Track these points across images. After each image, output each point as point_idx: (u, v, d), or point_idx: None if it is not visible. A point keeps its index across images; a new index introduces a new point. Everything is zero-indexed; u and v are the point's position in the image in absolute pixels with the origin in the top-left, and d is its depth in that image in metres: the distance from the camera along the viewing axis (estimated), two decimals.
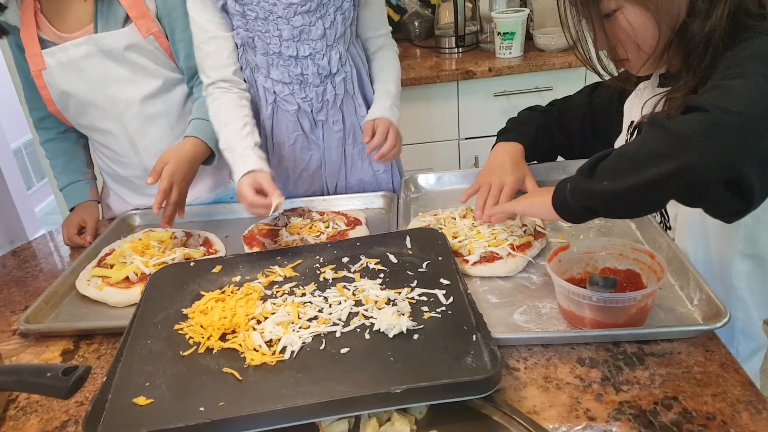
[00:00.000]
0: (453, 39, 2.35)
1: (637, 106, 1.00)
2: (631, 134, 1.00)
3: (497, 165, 1.07)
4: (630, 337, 0.74)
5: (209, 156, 1.12)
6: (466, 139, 2.28)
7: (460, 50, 2.36)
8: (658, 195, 0.70)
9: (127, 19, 1.09)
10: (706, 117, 0.65)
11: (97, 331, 0.90)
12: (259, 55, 1.12)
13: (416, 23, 2.58)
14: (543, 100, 2.18)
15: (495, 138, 1.15)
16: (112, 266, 1.02)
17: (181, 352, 0.75)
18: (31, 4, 1.09)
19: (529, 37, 2.27)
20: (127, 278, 0.98)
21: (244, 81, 1.15)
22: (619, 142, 1.05)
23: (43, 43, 1.10)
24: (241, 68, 1.14)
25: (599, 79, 1.02)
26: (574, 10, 0.86)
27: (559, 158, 1.23)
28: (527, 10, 2.18)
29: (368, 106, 1.20)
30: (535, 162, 1.18)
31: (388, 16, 2.67)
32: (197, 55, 1.11)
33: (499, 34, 2.17)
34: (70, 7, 1.09)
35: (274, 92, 1.16)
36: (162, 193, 1.01)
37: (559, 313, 0.81)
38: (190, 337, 0.78)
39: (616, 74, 0.98)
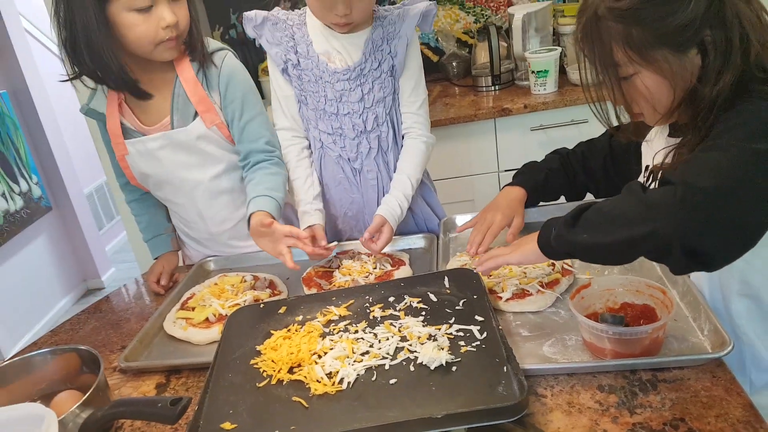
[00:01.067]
0: (489, 78, 2.48)
1: (649, 151, 1.11)
2: (647, 177, 1.11)
3: (494, 205, 1.24)
4: (645, 365, 0.84)
5: None
6: (506, 171, 2.38)
7: (497, 88, 2.48)
8: (628, 252, 0.84)
9: (196, 113, 1.25)
10: (674, 191, 0.76)
11: (185, 366, 1.05)
12: (310, 110, 1.32)
13: (454, 63, 2.72)
14: (579, 131, 2.30)
15: (517, 170, 1.32)
16: (193, 309, 1.18)
17: (257, 384, 0.90)
18: (117, 95, 1.25)
19: (563, 71, 2.38)
20: (207, 319, 1.14)
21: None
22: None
23: (126, 131, 1.27)
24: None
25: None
26: (594, 73, 0.95)
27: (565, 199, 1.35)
28: (559, 49, 2.28)
29: None
30: (544, 204, 1.32)
31: (428, 58, 2.84)
32: (273, 105, 1.34)
33: (533, 72, 2.29)
34: (151, 102, 1.25)
35: (321, 141, 1.34)
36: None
37: (583, 344, 0.92)
38: (264, 371, 0.92)
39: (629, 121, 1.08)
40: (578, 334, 0.93)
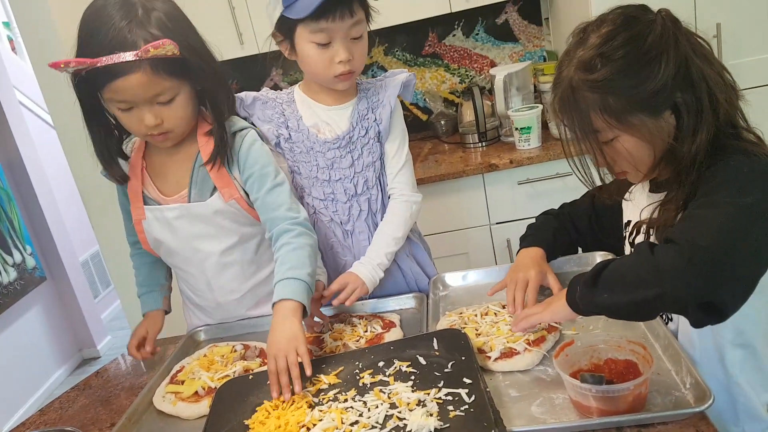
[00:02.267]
0: (476, 135, 2.54)
1: (631, 207, 1.14)
2: (630, 233, 1.14)
3: (522, 265, 1.23)
4: (630, 422, 0.84)
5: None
6: (497, 223, 2.42)
7: (484, 144, 2.55)
8: (647, 311, 0.90)
9: (215, 188, 1.25)
10: (679, 251, 0.81)
11: None
12: (303, 179, 1.38)
13: (442, 122, 2.80)
14: (565, 184, 2.34)
15: (525, 221, 1.37)
16: (182, 382, 1.17)
17: None
18: (140, 162, 1.27)
19: (546, 126, 2.44)
20: (196, 393, 1.13)
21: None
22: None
23: (144, 198, 1.28)
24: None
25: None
26: (575, 139, 1.00)
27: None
28: (540, 107, 2.35)
29: None
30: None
31: (417, 117, 2.92)
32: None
33: (516, 129, 2.35)
34: (171, 170, 1.27)
35: (314, 206, 1.39)
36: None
37: (571, 403, 0.91)
38: None
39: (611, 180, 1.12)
40: (565, 393, 0.93)
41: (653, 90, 0.91)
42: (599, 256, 1.30)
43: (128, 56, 1.04)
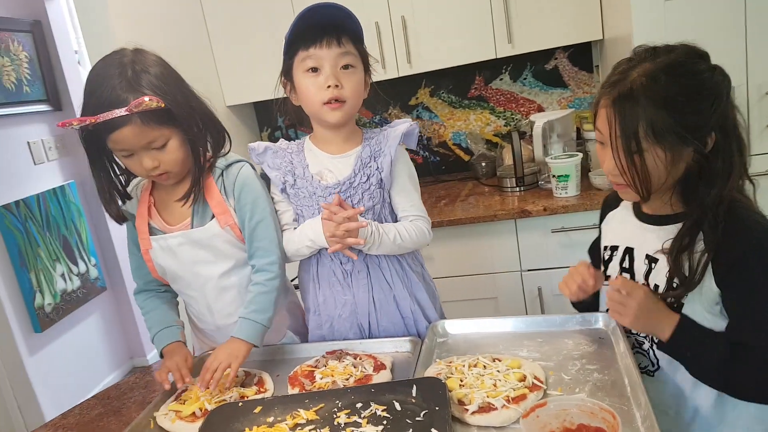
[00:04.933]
0: (514, 179, 2.55)
1: (615, 232, 1.27)
2: (622, 259, 1.23)
3: None
4: None
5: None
6: (528, 270, 2.40)
7: (521, 189, 2.55)
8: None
9: (213, 216, 1.40)
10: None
11: None
12: (307, 222, 1.42)
13: (483, 164, 2.82)
14: None
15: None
16: (185, 402, 1.26)
17: None
18: (147, 200, 1.43)
19: (586, 175, 2.42)
20: (194, 413, 1.21)
21: None
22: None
23: (151, 229, 1.43)
24: None
25: None
26: (613, 136, 1.05)
27: None
28: (580, 155, 2.33)
29: (391, 260, 1.44)
30: None
31: (459, 157, 2.96)
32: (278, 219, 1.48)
33: (554, 176, 2.34)
34: (175, 204, 1.41)
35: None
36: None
37: None
38: None
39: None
40: None
41: (696, 123, 1.01)
42: (601, 318, 1.30)
43: (120, 112, 1.20)
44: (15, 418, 3.02)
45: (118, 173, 1.39)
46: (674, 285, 1.08)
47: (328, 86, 1.33)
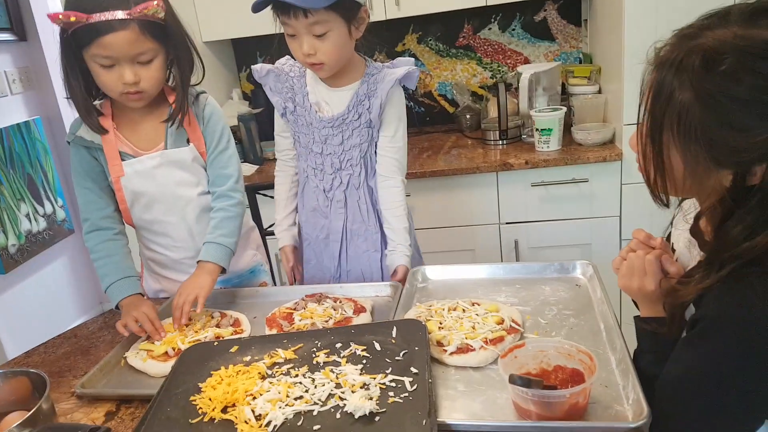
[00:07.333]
0: (498, 132, 2.52)
1: (676, 233, 1.05)
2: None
3: None
4: (563, 430, 0.84)
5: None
6: (507, 224, 2.40)
7: (505, 142, 2.52)
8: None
9: (188, 140, 1.40)
10: None
11: (135, 397, 1.08)
12: (301, 147, 1.53)
13: (467, 116, 2.78)
14: (580, 190, 2.29)
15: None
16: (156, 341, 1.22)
17: (190, 420, 0.93)
18: (110, 124, 1.35)
19: (569, 130, 2.40)
20: (166, 352, 1.18)
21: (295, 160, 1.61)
22: None
23: (121, 155, 1.36)
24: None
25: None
26: (646, 115, 0.84)
27: None
28: (563, 109, 2.31)
29: (370, 197, 1.52)
30: None
31: (444, 109, 2.91)
32: (276, 140, 1.58)
33: (537, 129, 2.32)
34: (144, 128, 1.37)
35: (306, 172, 1.54)
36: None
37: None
38: (200, 408, 0.95)
39: None
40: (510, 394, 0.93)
41: (738, 144, 0.75)
42: (579, 265, 1.30)
43: (120, 14, 1.17)
44: None
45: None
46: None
47: (304, 53, 1.35)
